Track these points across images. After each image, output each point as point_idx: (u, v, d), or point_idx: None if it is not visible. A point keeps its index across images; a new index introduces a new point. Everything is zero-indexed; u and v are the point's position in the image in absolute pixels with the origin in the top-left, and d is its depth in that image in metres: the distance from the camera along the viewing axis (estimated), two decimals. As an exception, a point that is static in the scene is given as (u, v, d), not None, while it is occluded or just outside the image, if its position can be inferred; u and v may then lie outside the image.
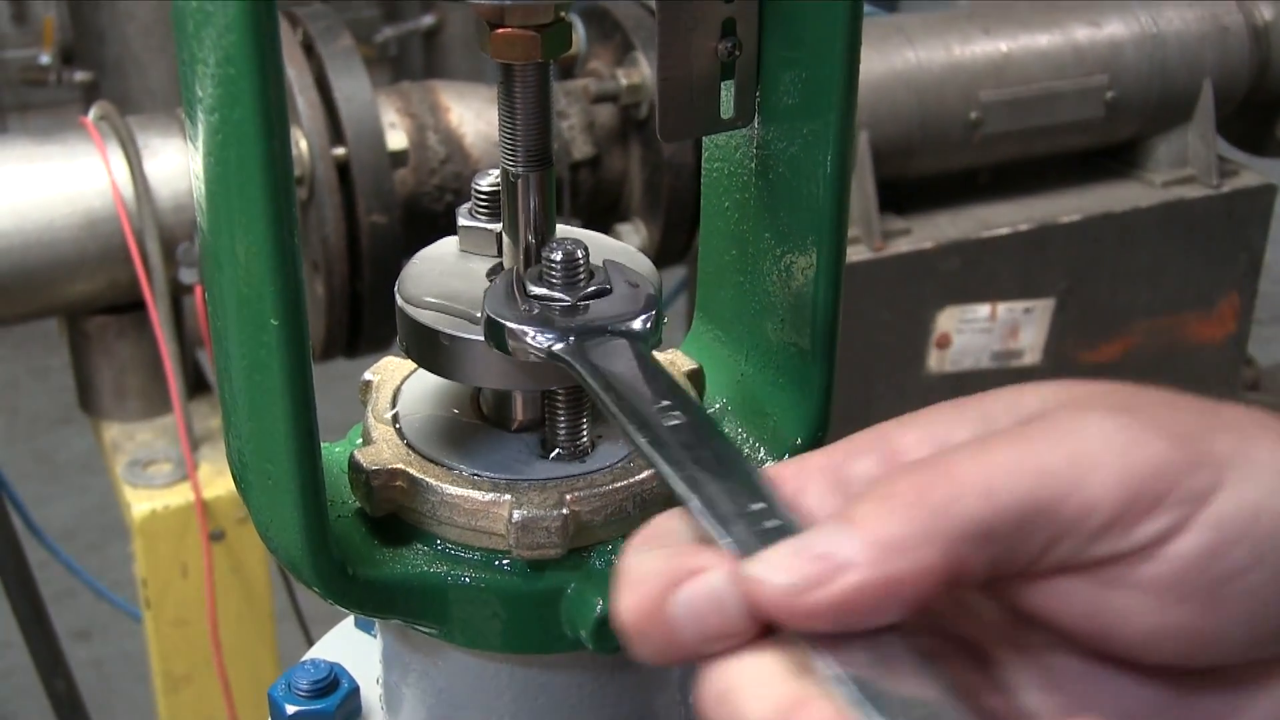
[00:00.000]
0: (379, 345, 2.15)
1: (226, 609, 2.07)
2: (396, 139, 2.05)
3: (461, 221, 0.75)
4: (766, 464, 0.72)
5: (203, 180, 0.60)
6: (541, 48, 0.66)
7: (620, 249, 0.75)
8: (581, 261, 0.67)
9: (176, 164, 2.00)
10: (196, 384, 2.18)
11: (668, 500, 0.70)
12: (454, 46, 4.38)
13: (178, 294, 2.03)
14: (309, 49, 2.06)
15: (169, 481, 2.04)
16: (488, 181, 0.73)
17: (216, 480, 2.03)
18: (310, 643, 0.77)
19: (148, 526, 2.02)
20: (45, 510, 4.45)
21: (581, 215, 2.31)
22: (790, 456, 0.76)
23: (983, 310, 2.44)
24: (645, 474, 0.70)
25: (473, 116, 2.16)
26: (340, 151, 1.99)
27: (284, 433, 0.63)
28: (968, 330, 2.45)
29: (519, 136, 0.68)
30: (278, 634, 2.19)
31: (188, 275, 1.96)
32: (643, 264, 0.74)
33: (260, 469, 0.65)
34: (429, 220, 2.13)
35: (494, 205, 0.73)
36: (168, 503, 2.03)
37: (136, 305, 2.04)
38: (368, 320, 2.09)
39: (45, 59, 3.55)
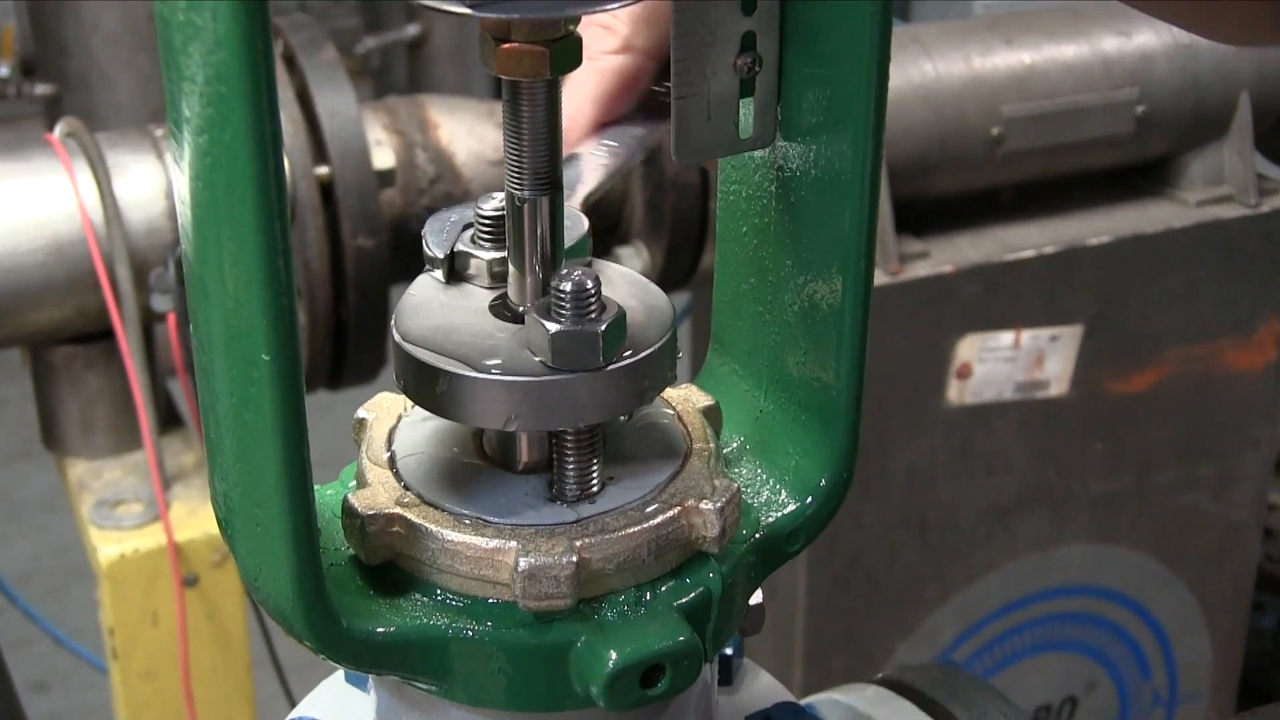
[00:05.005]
0: (364, 376, 2.15)
1: (200, 659, 2.07)
2: (383, 157, 2.05)
3: (462, 249, 0.75)
4: None
5: (189, 205, 0.60)
6: (550, 63, 0.66)
7: (632, 279, 0.75)
8: (593, 293, 0.67)
9: (149, 184, 2.01)
10: (169, 418, 2.18)
11: (684, 546, 0.70)
12: (440, 57, 4.39)
13: (149, 322, 2.03)
14: (290, 61, 2.07)
15: (139, 523, 2.04)
16: (492, 205, 0.73)
17: (190, 522, 2.03)
18: (289, 694, 0.77)
19: (116, 571, 2.02)
20: (0, 552, 4.44)
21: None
22: (814, 499, 0.76)
23: (1006, 338, 2.45)
24: (661, 518, 0.70)
25: (464, 133, 2.16)
26: (323, 171, 2.00)
27: (275, 475, 0.62)
28: (990, 359, 2.45)
29: (526, 158, 0.69)
30: (254, 684, 2.18)
31: (160, 302, 1.96)
32: (657, 296, 0.74)
33: (248, 514, 0.65)
34: (417, 244, 2.12)
35: (498, 231, 0.73)
36: (137, 546, 2.02)
37: (105, 334, 2.04)
38: (352, 349, 2.09)
39: (4, 71, 3.56)
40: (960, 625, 2.62)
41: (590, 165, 0.79)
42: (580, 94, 0.80)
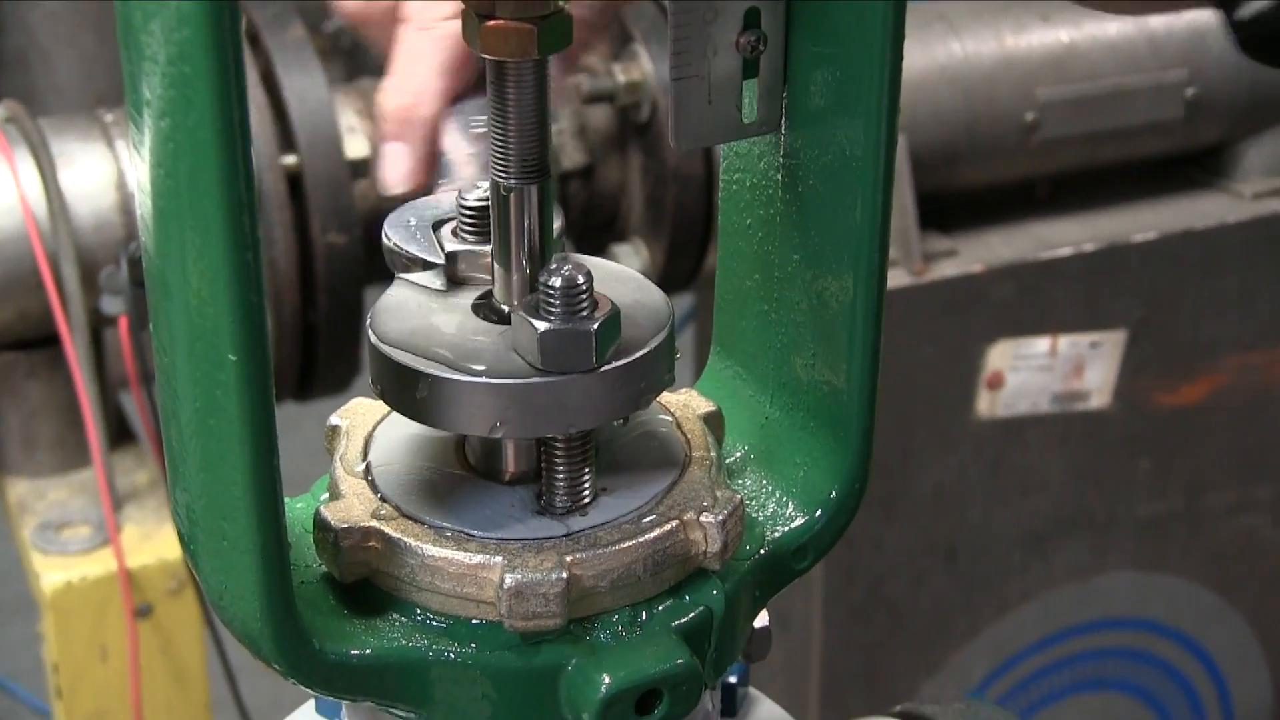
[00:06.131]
0: (335, 387, 2.16)
1: (153, 698, 2.08)
2: (357, 145, 2.07)
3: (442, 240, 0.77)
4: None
5: (150, 195, 0.62)
6: (538, 42, 0.68)
7: (627, 276, 0.77)
8: (584, 288, 0.69)
9: (98, 174, 2.02)
10: (120, 432, 2.19)
11: (682, 562, 0.72)
12: (418, 36, 4.39)
13: (98, 327, 2.04)
14: (254, 40, 2.09)
15: (87, 548, 2.05)
16: (475, 196, 0.75)
17: (143, 546, 2.04)
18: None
19: (61, 601, 2.03)
20: (-69, 583, 4.44)
21: (572, 234, 2.33)
22: (824, 512, 0.78)
23: (1041, 345, 2.46)
24: (658, 532, 0.71)
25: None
26: (291, 160, 2.01)
27: (243, 485, 0.64)
28: (1024, 368, 2.46)
29: (512, 144, 0.70)
30: (214, 728, 2.20)
31: (111, 305, 1.97)
32: (652, 293, 0.76)
33: (213, 527, 0.67)
34: (394, 240, 2.14)
35: (482, 224, 0.75)
36: (85, 573, 2.03)
37: (50, 340, 2.05)
38: (322, 357, 2.10)
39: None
40: (992, 662, 2.64)
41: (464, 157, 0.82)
42: (424, 68, 0.81)
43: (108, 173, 2.03)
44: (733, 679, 0.88)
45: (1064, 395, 2.51)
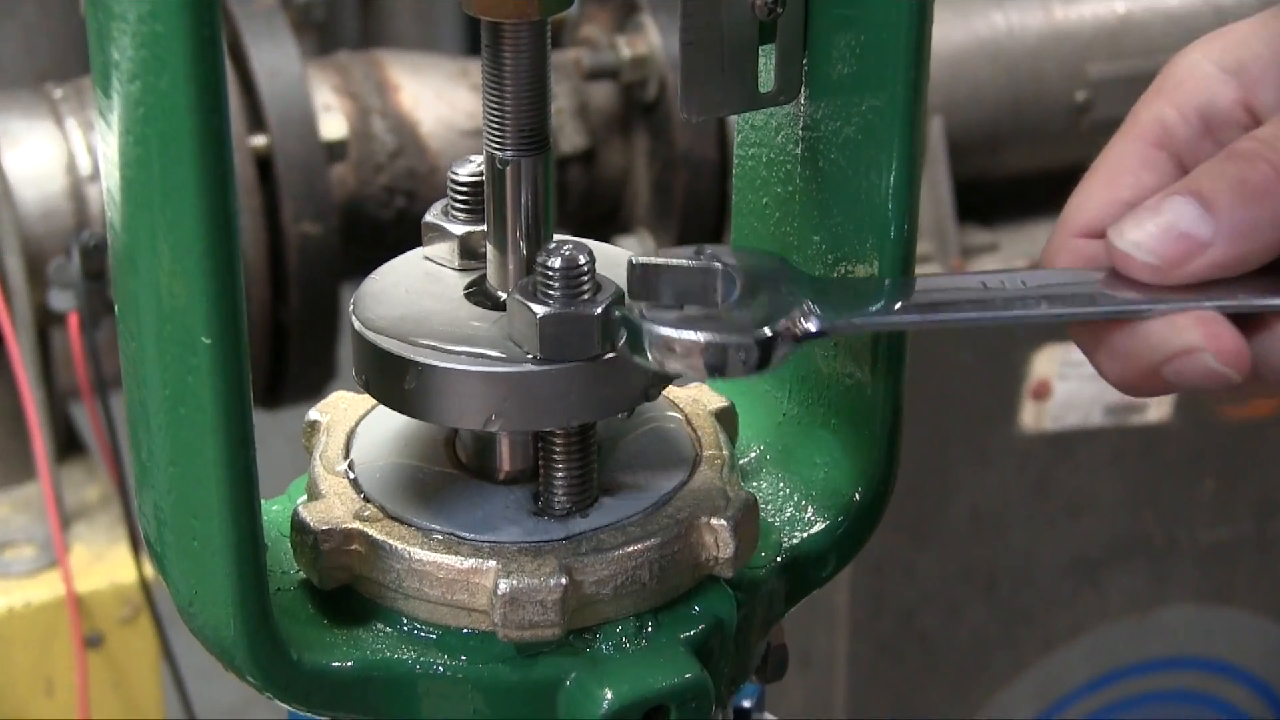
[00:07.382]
0: (308, 393, 2.17)
1: (104, 737, 2.09)
2: (333, 125, 2.08)
3: (432, 220, 0.79)
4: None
5: (117, 165, 0.64)
6: (538, 2, 0.70)
7: (627, 259, 0.78)
8: (586, 269, 0.71)
9: (45, 156, 2.03)
10: (69, 443, 2.20)
11: (692, 569, 0.74)
12: (398, 9, 4.43)
13: (46, 326, 2.05)
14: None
15: (31, 570, 2.06)
16: (468, 170, 0.76)
17: (94, 568, 2.05)
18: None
19: (2, 629, 2.04)
20: None
21: (571, 224, 2.34)
22: (846, 517, 0.79)
23: (1094, 351, 2.47)
24: (664, 536, 0.73)
25: (431, 96, 2.20)
26: (260, 141, 2.02)
27: (215, 479, 0.66)
28: (1073, 376, 2.47)
29: (509, 113, 0.72)
30: (171, 770, 2.21)
31: (60, 300, 1.98)
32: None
33: (183, 527, 0.69)
34: (374, 230, 2.16)
35: (476, 201, 0.77)
36: (29, 598, 2.04)
37: (-9, 340, 2.06)
38: (295, 359, 2.11)
39: None
40: (1037, 704, 2.64)
41: None
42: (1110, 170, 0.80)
43: (56, 154, 2.04)
44: (747, 704, 0.90)
45: (1118, 407, 2.51)
